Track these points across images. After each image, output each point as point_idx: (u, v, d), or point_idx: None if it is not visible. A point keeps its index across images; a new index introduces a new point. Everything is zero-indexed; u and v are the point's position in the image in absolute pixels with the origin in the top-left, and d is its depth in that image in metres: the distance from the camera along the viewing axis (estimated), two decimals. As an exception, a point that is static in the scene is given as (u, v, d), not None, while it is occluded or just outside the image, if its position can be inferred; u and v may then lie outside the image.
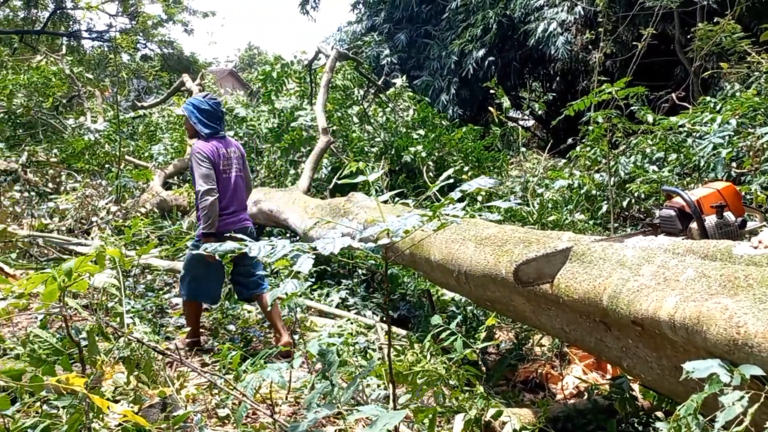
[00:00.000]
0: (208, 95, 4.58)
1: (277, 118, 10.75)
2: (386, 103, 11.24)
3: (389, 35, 17.46)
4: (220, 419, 3.34)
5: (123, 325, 2.85)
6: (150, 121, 14.17)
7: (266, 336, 4.68)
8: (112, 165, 10.04)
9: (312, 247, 1.80)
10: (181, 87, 13.51)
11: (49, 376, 2.33)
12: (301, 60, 11.50)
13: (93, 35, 21.46)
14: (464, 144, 9.74)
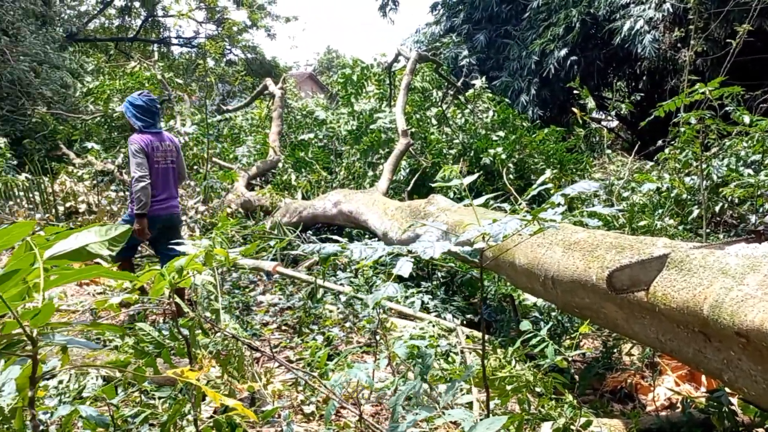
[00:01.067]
0: (144, 93, 5.07)
1: (357, 121, 10.87)
2: (465, 104, 11.17)
3: (468, 36, 17.32)
4: (306, 416, 3.40)
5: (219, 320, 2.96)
6: (234, 124, 14.64)
7: (348, 336, 4.74)
8: (200, 166, 10.43)
9: (410, 250, 1.80)
10: (264, 91, 13.90)
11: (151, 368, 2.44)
12: (381, 63, 11.59)
13: (181, 42, 22.41)
14: (546, 146, 9.54)
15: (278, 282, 6.04)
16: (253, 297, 5.59)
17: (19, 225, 1.05)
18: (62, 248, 1.17)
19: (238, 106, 15.36)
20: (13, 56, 13.23)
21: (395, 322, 4.93)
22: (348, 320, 4.99)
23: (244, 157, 11.95)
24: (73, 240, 1.17)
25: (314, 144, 11.33)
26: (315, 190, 9.99)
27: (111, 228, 1.22)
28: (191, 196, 8.91)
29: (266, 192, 9.57)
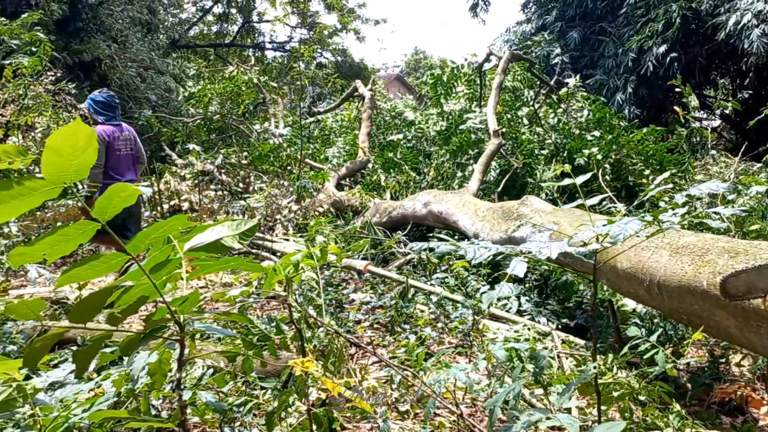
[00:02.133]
0: (104, 90, 5.93)
1: (446, 121, 10.85)
2: (558, 103, 10.91)
3: (560, 34, 16.91)
4: (400, 414, 3.43)
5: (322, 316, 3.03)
6: (324, 126, 14.96)
7: (440, 336, 4.74)
8: (293, 167, 10.72)
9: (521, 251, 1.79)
10: (354, 93, 14.12)
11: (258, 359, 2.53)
12: (471, 63, 11.51)
13: (275, 46, 23.12)
14: (644, 146, 9.17)
15: (369, 281, 6.12)
16: (345, 295, 5.69)
17: (176, 218, 1.14)
18: (200, 241, 1.24)
19: (329, 107, 15.68)
20: (121, 62, 14.08)
21: (487, 324, 4.88)
22: (439, 320, 4.99)
23: (334, 158, 12.18)
24: (209, 233, 1.25)
25: (403, 145, 11.40)
26: (404, 191, 10.05)
27: (241, 223, 1.29)
28: (285, 195, 9.17)
29: (356, 192, 9.72)
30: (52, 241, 1.01)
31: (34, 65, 10.07)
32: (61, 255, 1.07)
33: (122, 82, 13.90)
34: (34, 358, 1.20)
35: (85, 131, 0.96)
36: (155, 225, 1.14)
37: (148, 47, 15.02)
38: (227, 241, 1.25)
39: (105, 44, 13.63)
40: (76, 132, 0.95)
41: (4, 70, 10.79)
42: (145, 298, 1.18)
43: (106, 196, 1.07)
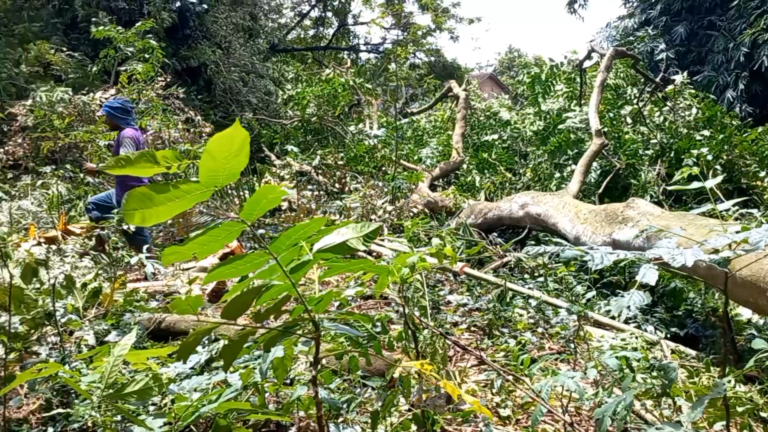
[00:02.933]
0: (119, 97, 6.14)
1: (543, 121, 10.61)
2: (663, 101, 10.41)
3: (665, 28, 16.15)
4: (501, 419, 3.39)
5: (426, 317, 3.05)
6: (418, 126, 15.00)
7: (540, 342, 4.64)
8: (387, 167, 10.82)
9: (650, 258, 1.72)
10: (448, 93, 14.08)
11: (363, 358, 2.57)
12: (571, 60, 11.19)
13: (369, 48, 23.43)
14: (759, 146, 8.59)
15: (465, 283, 6.08)
16: (441, 296, 5.67)
17: (315, 220, 1.18)
18: (327, 243, 1.28)
19: (422, 108, 15.71)
20: (225, 67, 14.71)
21: (590, 330, 4.73)
22: (539, 325, 4.89)
23: (427, 159, 12.19)
24: (335, 235, 1.28)
25: (498, 145, 11.24)
26: (499, 192, 9.91)
27: (365, 225, 1.31)
28: (379, 195, 9.27)
29: (450, 193, 9.69)
30: (203, 241, 1.08)
31: (147, 71, 10.69)
32: (209, 254, 1.13)
33: (225, 86, 14.52)
34: (187, 350, 1.27)
35: (241, 136, 1.01)
36: (296, 227, 1.19)
37: (250, 52, 15.61)
38: (352, 243, 1.27)
39: (210, 50, 14.28)
40: (233, 137, 1.00)
41: (120, 76, 11.55)
42: (288, 297, 1.23)
43: (253, 200, 1.12)
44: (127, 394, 1.52)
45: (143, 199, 1.02)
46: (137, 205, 1.03)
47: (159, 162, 1.02)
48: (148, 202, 1.02)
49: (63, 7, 14.05)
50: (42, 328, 4.14)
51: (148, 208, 1.03)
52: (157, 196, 1.02)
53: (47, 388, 3.30)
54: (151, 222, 1.07)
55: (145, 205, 1.03)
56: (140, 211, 1.03)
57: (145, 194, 1.02)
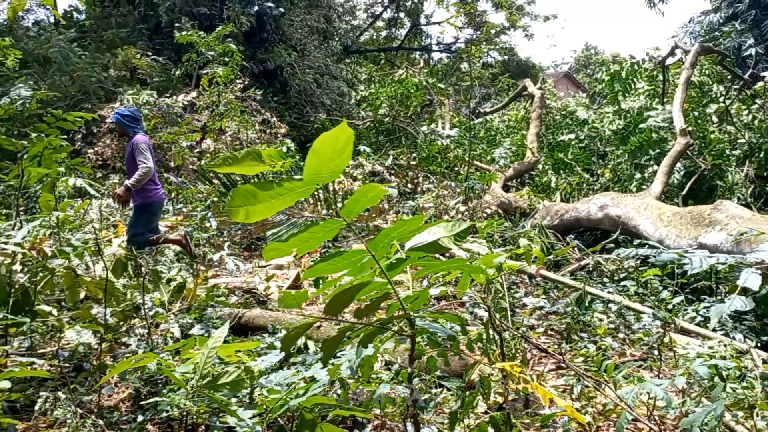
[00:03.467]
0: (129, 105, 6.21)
1: (623, 120, 10.28)
2: (752, 99, 9.89)
3: (755, 22, 15.34)
4: (581, 426, 3.30)
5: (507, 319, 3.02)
6: (491, 126, 14.83)
7: (621, 347, 4.50)
8: (460, 168, 10.76)
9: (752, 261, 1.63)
10: (522, 92, 13.86)
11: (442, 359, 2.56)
12: (653, 57, 10.80)
13: (441, 48, 23.36)
14: None
15: (541, 285, 5.96)
16: (517, 298, 5.58)
17: (414, 218, 1.18)
18: (419, 241, 1.29)
19: (496, 107, 15.53)
20: (300, 69, 15.00)
21: (675, 338, 4.55)
22: (620, 331, 4.73)
23: (501, 159, 12.04)
24: (427, 234, 1.29)
25: (574, 145, 10.97)
26: (575, 193, 9.67)
27: (455, 224, 1.31)
28: (452, 196, 9.22)
29: (524, 194, 9.53)
30: (302, 238, 1.10)
31: (227, 74, 11.03)
32: (308, 250, 1.16)
33: (300, 88, 14.80)
34: (289, 343, 1.31)
35: (345, 135, 1.03)
36: (395, 224, 1.20)
37: (324, 54, 15.86)
38: (444, 242, 1.27)
39: (286, 52, 14.59)
40: (338, 136, 1.02)
41: (201, 79, 11.98)
42: (387, 295, 1.24)
43: (354, 198, 1.14)
44: (220, 385, 1.58)
45: (248, 196, 1.06)
46: (242, 201, 1.06)
47: (264, 160, 1.06)
48: (252, 199, 1.06)
49: (148, 13, 14.69)
50: (130, 320, 4.34)
51: (252, 205, 1.06)
52: (261, 194, 1.05)
53: (136, 377, 3.46)
54: (254, 218, 1.11)
55: (249, 202, 1.06)
56: (245, 207, 1.07)
57: (249, 191, 1.06)
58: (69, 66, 12.54)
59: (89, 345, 3.97)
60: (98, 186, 9.18)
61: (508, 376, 3.48)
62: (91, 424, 2.77)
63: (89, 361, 3.79)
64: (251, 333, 4.53)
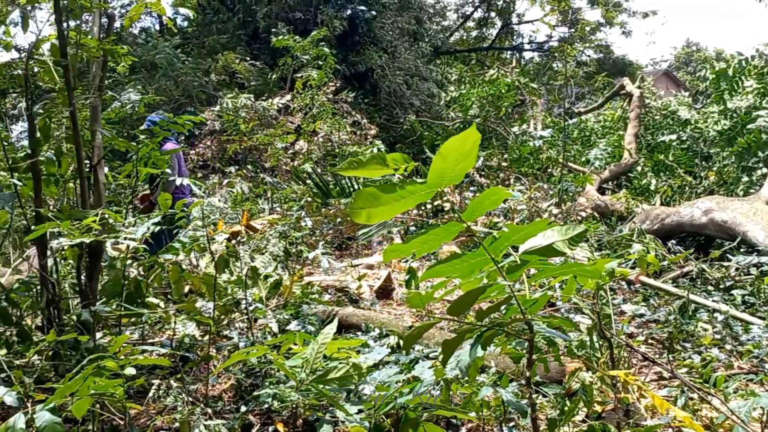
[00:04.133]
0: (159, 112, 5.86)
1: (729, 120, 9.72)
2: None
3: None
4: (688, 439, 3.16)
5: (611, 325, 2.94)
6: (585, 126, 14.40)
7: (728, 359, 4.26)
8: (553, 169, 10.52)
9: None
10: (619, 91, 13.39)
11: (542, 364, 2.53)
12: (763, 54, 10.16)
13: (534, 47, 22.92)
14: None
15: (640, 292, 5.74)
16: (615, 305, 5.40)
17: (537, 222, 1.18)
18: (532, 245, 1.28)
19: (591, 107, 15.07)
20: (390, 71, 15.14)
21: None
22: (726, 342, 4.48)
23: (596, 160, 11.66)
24: (541, 238, 1.28)
25: (675, 146, 10.48)
26: (677, 197, 9.24)
27: (570, 228, 1.29)
28: (545, 198, 9.03)
29: (621, 196, 9.21)
30: (423, 240, 1.13)
31: (320, 78, 11.30)
32: (427, 252, 1.19)
33: (390, 90, 14.94)
34: (410, 342, 1.35)
35: (473, 138, 1.05)
36: (516, 227, 1.21)
37: (414, 55, 15.93)
38: (558, 246, 1.26)
39: (377, 55, 14.77)
40: (465, 139, 1.04)
41: (296, 82, 12.33)
42: (509, 298, 1.25)
43: (477, 201, 1.16)
44: (330, 380, 1.63)
45: (370, 198, 1.09)
46: (364, 203, 1.10)
47: (388, 164, 1.09)
48: (375, 201, 1.09)
49: (246, 19, 15.27)
50: (231, 314, 4.53)
51: (374, 207, 1.10)
52: (383, 196, 1.09)
53: (239, 369, 3.62)
54: (375, 219, 1.14)
55: (372, 204, 1.10)
56: (367, 209, 1.10)
57: (372, 194, 1.09)
58: (173, 71, 13.23)
59: (194, 336, 4.19)
60: (201, 185, 9.63)
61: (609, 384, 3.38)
62: (201, 412, 2.92)
63: (195, 352, 4.00)
64: (344, 331, 4.62)
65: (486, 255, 1.13)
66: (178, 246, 3.86)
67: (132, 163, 4.52)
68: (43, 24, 4.33)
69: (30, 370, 2.90)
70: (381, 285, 6.16)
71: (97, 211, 3.20)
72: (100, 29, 4.07)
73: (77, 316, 3.45)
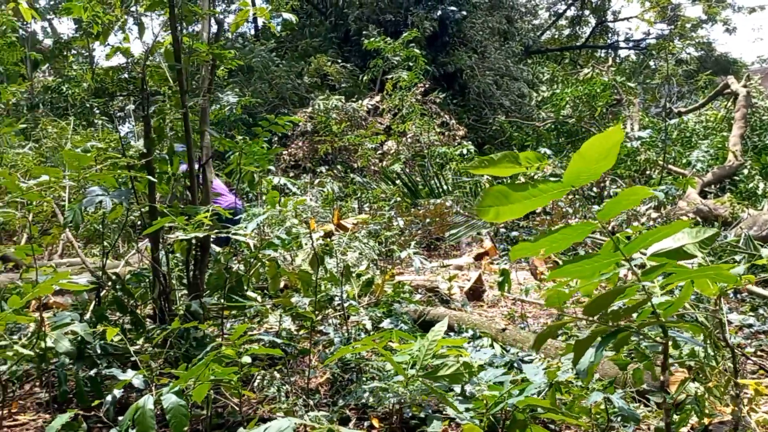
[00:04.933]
0: None
1: None
2: None
3: None
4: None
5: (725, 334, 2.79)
6: (685, 127, 13.73)
7: None
8: (651, 171, 10.12)
9: None
10: (724, 90, 12.69)
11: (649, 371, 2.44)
12: None
13: (630, 45, 22.08)
14: None
15: (748, 301, 5.43)
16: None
17: (676, 224, 1.16)
18: (661, 247, 1.25)
19: (692, 107, 14.35)
20: (480, 71, 15.01)
21: None
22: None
23: (698, 163, 11.10)
24: (671, 240, 1.25)
25: (787, 148, 9.83)
26: (788, 202, 8.67)
27: (701, 230, 1.25)
28: (643, 201, 8.69)
29: (725, 201, 8.74)
30: (552, 239, 1.13)
31: (411, 79, 11.36)
32: (556, 251, 1.18)
33: (479, 90, 14.81)
34: (541, 342, 1.35)
35: (615, 138, 1.03)
36: (655, 229, 1.18)
37: (504, 55, 15.72)
38: (689, 249, 1.22)
39: (466, 55, 14.69)
40: (607, 139, 1.03)
41: (386, 84, 12.45)
42: (645, 301, 1.23)
43: (615, 201, 1.14)
44: (440, 377, 1.65)
45: (499, 197, 1.10)
46: (492, 201, 1.11)
47: (521, 163, 1.09)
48: (504, 199, 1.10)
49: (338, 22, 15.57)
50: (324, 310, 4.64)
51: (503, 205, 1.10)
52: (513, 194, 1.09)
53: (335, 364, 3.70)
54: (503, 218, 1.15)
55: (501, 202, 1.10)
56: (495, 207, 1.11)
57: (502, 192, 1.10)
58: (268, 74, 13.68)
59: (290, 331, 4.32)
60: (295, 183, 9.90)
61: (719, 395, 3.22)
62: (302, 404, 3.01)
63: (292, 346, 4.12)
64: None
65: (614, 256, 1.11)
66: (277, 242, 3.99)
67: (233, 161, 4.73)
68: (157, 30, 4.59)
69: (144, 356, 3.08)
70: (471, 286, 6.12)
71: (207, 207, 3.36)
72: (209, 35, 4.28)
73: (186, 307, 3.64)
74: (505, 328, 4.35)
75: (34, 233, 5.65)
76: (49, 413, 3.32)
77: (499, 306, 6.00)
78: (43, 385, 3.69)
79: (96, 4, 3.83)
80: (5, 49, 10.80)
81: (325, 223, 8.17)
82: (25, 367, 3.44)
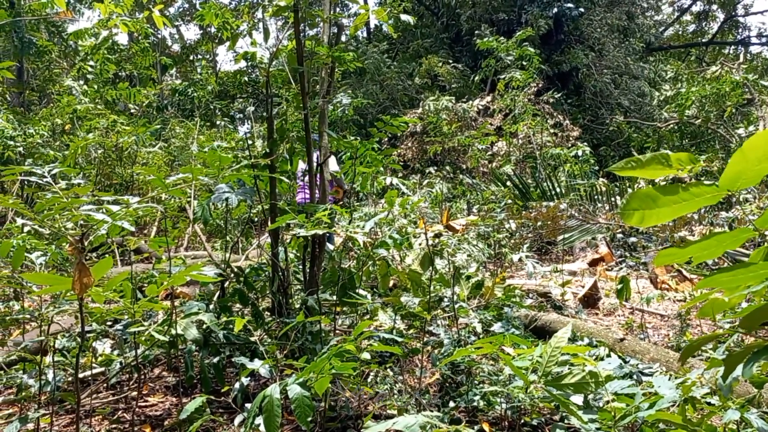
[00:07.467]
0: None
1: None
2: None
3: None
4: None
5: None
6: (828, 129, 12.55)
7: None
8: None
9: None
10: None
11: None
12: None
13: (763, 41, 20.48)
14: None
15: None
16: None
17: (739, 231, 1.06)
18: None
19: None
20: (597, 70, 14.46)
21: None
22: None
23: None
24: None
25: None
26: None
27: None
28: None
29: None
30: (704, 246, 1.06)
31: (525, 78, 11.13)
32: (706, 258, 1.12)
33: (596, 89, 14.28)
34: (688, 353, 1.29)
35: None
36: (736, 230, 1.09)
37: (624, 53, 15.06)
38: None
39: (583, 53, 14.20)
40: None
41: (498, 84, 12.28)
42: None
43: None
44: (564, 385, 1.60)
45: (646, 200, 1.05)
46: (638, 205, 1.06)
47: (672, 164, 1.04)
48: (651, 203, 1.05)
49: (450, 23, 15.53)
50: (434, 310, 4.63)
51: (650, 209, 1.05)
52: (662, 198, 1.03)
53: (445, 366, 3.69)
54: (649, 222, 1.10)
55: (647, 206, 1.05)
56: (641, 211, 1.06)
57: (649, 195, 1.05)
58: (380, 75, 13.88)
59: (400, 330, 4.35)
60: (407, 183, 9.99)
61: None
62: (414, 403, 3.03)
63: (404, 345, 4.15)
64: (548, 337, 4.52)
65: None
66: (389, 242, 4.03)
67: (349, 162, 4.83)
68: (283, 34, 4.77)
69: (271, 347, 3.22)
70: (586, 293, 5.91)
71: (326, 206, 3.46)
72: (330, 38, 4.39)
73: (303, 302, 3.76)
74: (623, 338, 4.16)
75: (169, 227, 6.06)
76: (176, 396, 3.55)
77: (615, 314, 5.76)
78: (171, 369, 3.94)
79: (227, 11, 4.04)
80: (139, 54, 11.65)
81: (434, 224, 8.17)
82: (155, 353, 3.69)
